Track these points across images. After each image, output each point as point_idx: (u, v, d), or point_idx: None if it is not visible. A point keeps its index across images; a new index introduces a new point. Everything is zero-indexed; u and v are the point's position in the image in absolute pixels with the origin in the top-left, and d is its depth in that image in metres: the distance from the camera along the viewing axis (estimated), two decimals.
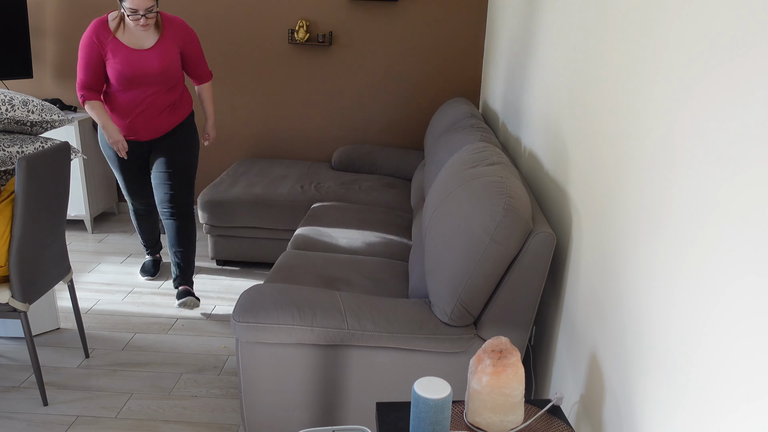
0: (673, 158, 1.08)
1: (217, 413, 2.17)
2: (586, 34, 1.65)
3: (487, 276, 1.64)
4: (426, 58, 3.85)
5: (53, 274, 2.24)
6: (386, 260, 2.37)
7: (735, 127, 0.89)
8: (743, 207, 0.86)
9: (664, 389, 1.09)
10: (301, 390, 1.77)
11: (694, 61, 1.03)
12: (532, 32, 2.39)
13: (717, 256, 0.93)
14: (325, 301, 1.76)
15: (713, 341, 0.93)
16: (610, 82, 1.44)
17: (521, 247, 1.65)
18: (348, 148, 3.81)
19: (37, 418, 2.11)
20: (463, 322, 1.72)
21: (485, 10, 3.74)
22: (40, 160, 1.99)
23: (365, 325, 1.71)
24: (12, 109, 2.14)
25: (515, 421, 1.32)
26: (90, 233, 3.86)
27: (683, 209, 1.04)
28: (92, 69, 2.60)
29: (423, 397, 1.19)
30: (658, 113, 1.16)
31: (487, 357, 1.30)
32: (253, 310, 1.71)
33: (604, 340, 1.40)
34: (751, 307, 0.84)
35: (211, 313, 2.88)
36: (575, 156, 1.68)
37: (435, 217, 1.86)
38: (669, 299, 1.08)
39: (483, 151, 2.03)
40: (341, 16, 3.78)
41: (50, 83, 4.00)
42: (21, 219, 1.96)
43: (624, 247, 1.30)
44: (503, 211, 1.60)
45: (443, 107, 3.42)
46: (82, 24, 3.87)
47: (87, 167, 3.77)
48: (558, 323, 1.79)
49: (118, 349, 2.55)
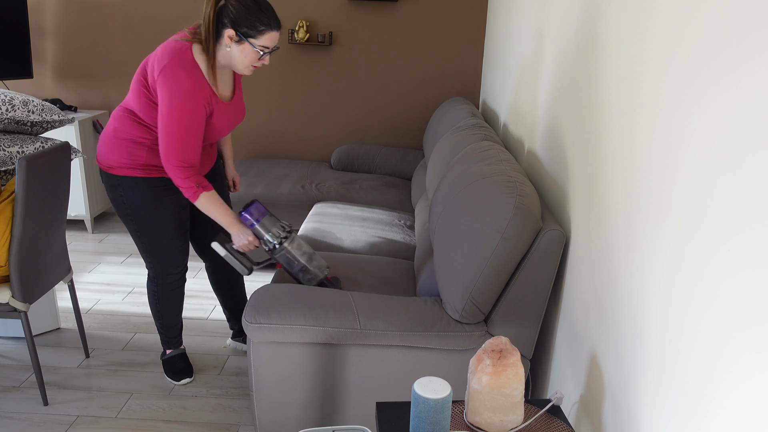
0: (673, 158, 1.08)
1: (217, 413, 2.17)
2: (587, 34, 1.65)
3: (497, 273, 1.66)
4: (426, 58, 3.85)
5: (53, 274, 2.25)
6: (391, 259, 2.38)
7: (734, 127, 0.89)
8: (743, 207, 0.86)
9: (664, 389, 1.09)
10: (313, 389, 1.78)
11: (694, 60, 1.03)
12: (533, 31, 2.39)
13: (717, 256, 0.93)
14: (337, 301, 1.77)
15: (713, 341, 0.93)
16: (610, 82, 1.44)
17: (531, 244, 1.67)
18: (347, 148, 3.81)
19: (37, 418, 2.11)
20: (474, 320, 1.74)
21: (485, 10, 3.74)
22: (40, 160, 1.99)
23: (378, 324, 1.72)
24: (12, 110, 2.14)
25: (515, 421, 1.32)
26: (90, 233, 3.86)
27: (683, 209, 1.04)
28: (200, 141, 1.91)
29: (423, 397, 1.19)
30: (658, 113, 1.16)
31: (487, 357, 1.30)
32: (265, 310, 1.72)
33: (604, 340, 1.40)
34: (751, 307, 0.84)
35: (211, 313, 2.88)
36: (575, 156, 1.69)
37: (444, 215, 1.87)
38: (669, 299, 1.08)
39: (489, 150, 2.04)
40: (341, 16, 3.78)
41: (50, 83, 4.00)
42: (21, 219, 1.96)
43: (624, 247, 1.30)
44: (514, 209, 1.62)
45: (442, 107, 3.43)
46: (82, 24, 3.86)
47: (87, 167, 3.77)
48: (558, 323, 1.79)
49: (118, 349, 2.55)
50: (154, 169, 2.02)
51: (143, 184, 2.02)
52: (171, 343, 2.36)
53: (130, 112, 1.98)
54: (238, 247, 2.01)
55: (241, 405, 2.23)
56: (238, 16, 1.79)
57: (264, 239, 1.98)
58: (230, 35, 1.82)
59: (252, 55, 1.87)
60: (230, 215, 1.99)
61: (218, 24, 1.83)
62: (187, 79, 1.82)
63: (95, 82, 3.99)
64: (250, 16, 1.80)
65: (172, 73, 1.82)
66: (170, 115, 1.83)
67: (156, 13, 3.84)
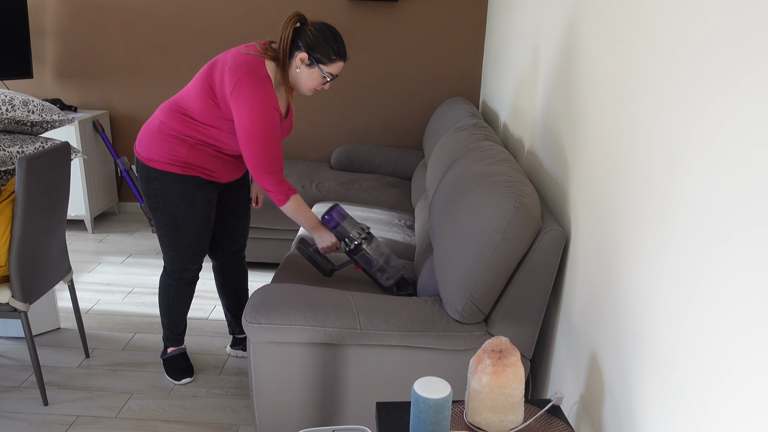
0: (673, 158, 1.08)
1: (217, 413, 2.18)
2: (586, 33, 1.65)
3: (497, 273, 1.66)
4: (426, 58, 3.85)
5: (53, 274, 2.25)
6: None
7: (734, 126, 0.89)
8: (743, 206, 0.86)
9: (664, 389, 1.09)
10: (313, 389, 1.78)
11: (694, 59, 1.03)
12: (532, 31, 2.39)
13: (717, 256, 0.93)
14: (337, 301, 1.77)
15: (713, 341, 0.93)
16: (609, 82, 1.44)
17: (531, 244, 1.67)
18: (347, 148, 3.81)
19: (37, 418, 2.11)
20: (474, 320, 1.74)
21: (485, 10, 3.74)
22: (40, 160, 1.99)
23: (378, 324, 1.72)
24: (12, 109, 2.14)
25: (515, 421, 1.32)
26: (90, 233, 3.86)
27: (683, 209, 1.04)
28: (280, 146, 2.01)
29: (423, 397, 1.19)
30: (657, 113, 1.16)
31: (486, 357, 1.30)
32: (265, 310, 1.72)
33: (603, 340, 1.40)
34: (751, 307, 0.84)
35: (211, 313, 2.88)
36: (575, 156, 1.69)
37: (444, 215, 1.87)
38: (669, 299, 1.08)
39: (489, 150, 2.04)
40: (341, 16, 3.78)
41: (50, 83, 4.00)
42: (21, 219, 1.96)
43: (623, 247, 1.30)
44: (514, 209, 1.62)
45: (442, 107, 3.43)
46: (82, 24, 3.87)
47: (87, 167, 3.77)
48: (558, 323, 1.79)
49: (118, 349, 2.55)
50: (192, 167, 2.05)
51: (179, 180, 2.05)
52: (174, 340, 2.37)
53: (180, 109, 2.02)
54: (322, 250, 2.09)
55: (241, 405, 2.23)
56: (314, 42, 1.91)
57: (345, 241, 2.07)
58: (302, 58, 1.92)
59: (318, 79, 1.97)
60: (315, 218, 2.07)
61: (292, 46, 1.93)
62: (264, 90, 1.90)
63: (95, 82, 4.00)
64: (326, 44, 1.91)
65: (251, 84, 1.89)
66: (252, 124, 1.90)
67: (156, 13, 3.84)
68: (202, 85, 1.97)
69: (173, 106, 2.04)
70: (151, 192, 2.08)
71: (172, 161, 2.03)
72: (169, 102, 2.08)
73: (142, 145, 2.08)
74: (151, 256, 3.53)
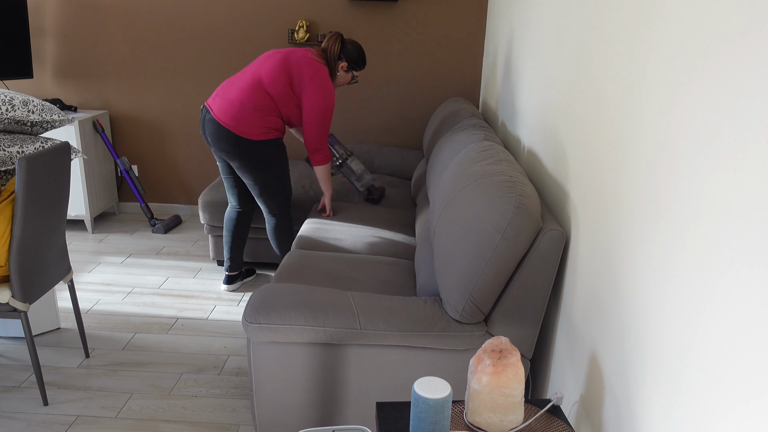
0: (672, 157, 1.08)
1: (217, 413, 2.18)
2: (586, 33, 1.65)
3: (497, 273, 1.66)
4: (426, 58, 3.85)
5: (53, 274, 2.25)
6: (391, 259, 2.38)
7: (734, 126, 0.89)
8: (743, 206, 0.86)
9: (664, 389, 1.09)
10: (313, 389, 1.78)
11: (693, 59, 1.03)
12: (532, 31, 2.39)
13: (717, 256, 0.93)
14: (337, 301, 1.77)
15: (712, 341, 0.93)
16: (609, 81, 1.44)
17: (531, 244, 1.67)
18: (347, 148, 3.81)
19: (37, 418, 2.11)
20: (474, 320, 1.73)
21: (485, 10, 3.74)
22: (40, 160, 1.99)
23: (377, 324, 1.72)
24: (12, 109, 2.14)
25: (515, 421, 1.32)
26: (90, 233, 3.86)
27: (682, 209, 1.04)
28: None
29: (423, 397, 1.19)
30: (657, 112, 1.16)
31: (487, 357, 1.30)
32: (265, 310, 1.72)
33: (603, 340, 1.40)
34: (751, 307, 0.84)
35: (211, 313, 2.88)
36: (575, 155, 1.69)
37: (444, 215, 1.87)
38: (668, 299, 1.08)
39: (488, 150, 2.04)
40: (341, 16, 3.78)
41: (50, 83, 4.00)
42: (21, 219, 1.96)
43: (623, 247, 1.30)
44: (514, 209, 1.62)
45: (442, 106, 3.43)
46: (82, 24, 3.87)
47: (87, 167, 3.77)
48: (558, 323, 1.79)
49: (118, 349, 2.55)
50: (280, 132, 2.75)
51: (279, 143, 2.75)
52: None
53: (265, 91, 2.64)
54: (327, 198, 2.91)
55: (241, 405, 2.23)
56: (352, 55, 2.75)
57: (335, 156, 3.01)
58: (343, 65, 2.76)
59: (349, 79, 2.82)
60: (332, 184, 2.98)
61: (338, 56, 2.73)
62: (330, 82, 2.68)
63: (95, 82, 3.99)
64: (359, 58, 2.78)
65: (324, 79, 2.65)
66: (320, 110, 2.65)
67: (156, 13, 3.84)
68: (282, 73, 2.62)
69: (260, 89, 2.63)
70: (261, 159, 2.70)
71: (272, 129, 2.69)
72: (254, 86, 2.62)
73: (240, 125, 2.63)
74: (151, 256, 3.53)
